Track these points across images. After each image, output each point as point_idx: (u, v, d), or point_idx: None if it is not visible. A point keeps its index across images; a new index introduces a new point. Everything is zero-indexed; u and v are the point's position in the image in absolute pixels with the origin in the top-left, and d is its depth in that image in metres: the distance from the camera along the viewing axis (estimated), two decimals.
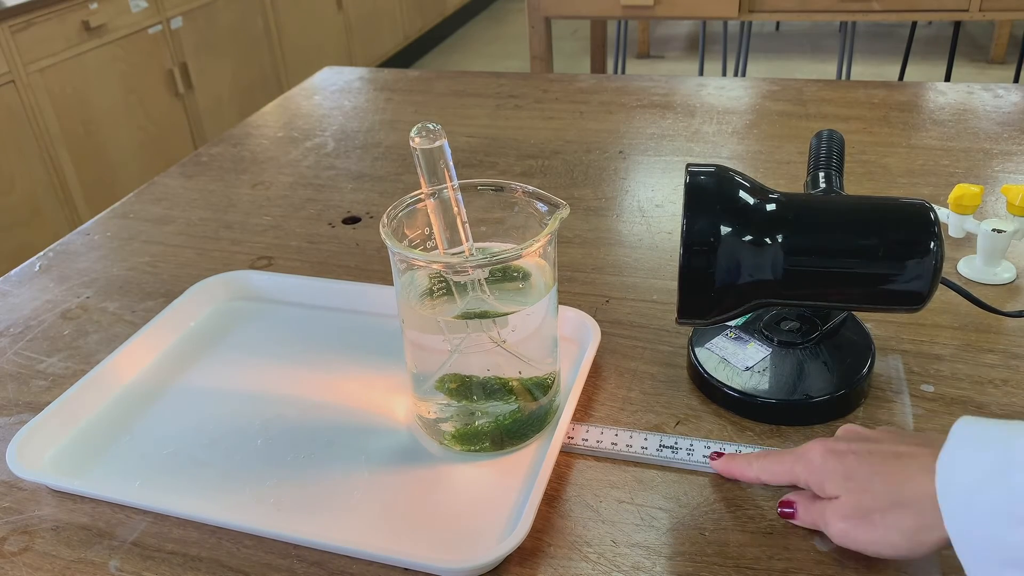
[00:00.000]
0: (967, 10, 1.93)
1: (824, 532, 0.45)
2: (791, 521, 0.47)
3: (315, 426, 0.57)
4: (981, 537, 0.35)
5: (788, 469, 0.47)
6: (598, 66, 2.88)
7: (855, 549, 0.44)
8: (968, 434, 0.38)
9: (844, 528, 0.43)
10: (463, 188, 0.53)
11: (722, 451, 0.52)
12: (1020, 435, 0.36)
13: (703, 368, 0.57)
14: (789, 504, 0.47)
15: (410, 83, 1.22)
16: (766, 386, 0.55)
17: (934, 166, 0.87)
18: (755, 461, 0.49)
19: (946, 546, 0.38)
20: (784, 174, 0.88)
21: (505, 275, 0.54)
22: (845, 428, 0.49)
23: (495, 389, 0.53)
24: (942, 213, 0.69)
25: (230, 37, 2.64)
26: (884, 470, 0.42)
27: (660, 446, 0.52)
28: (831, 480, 0.44)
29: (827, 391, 0.54)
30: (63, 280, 0.77)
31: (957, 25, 2.64)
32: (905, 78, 2.86)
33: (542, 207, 0.52)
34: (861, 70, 3.33)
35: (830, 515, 0.44)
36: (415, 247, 0.53)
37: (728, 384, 0.55)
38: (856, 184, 0.84)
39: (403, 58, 3.81)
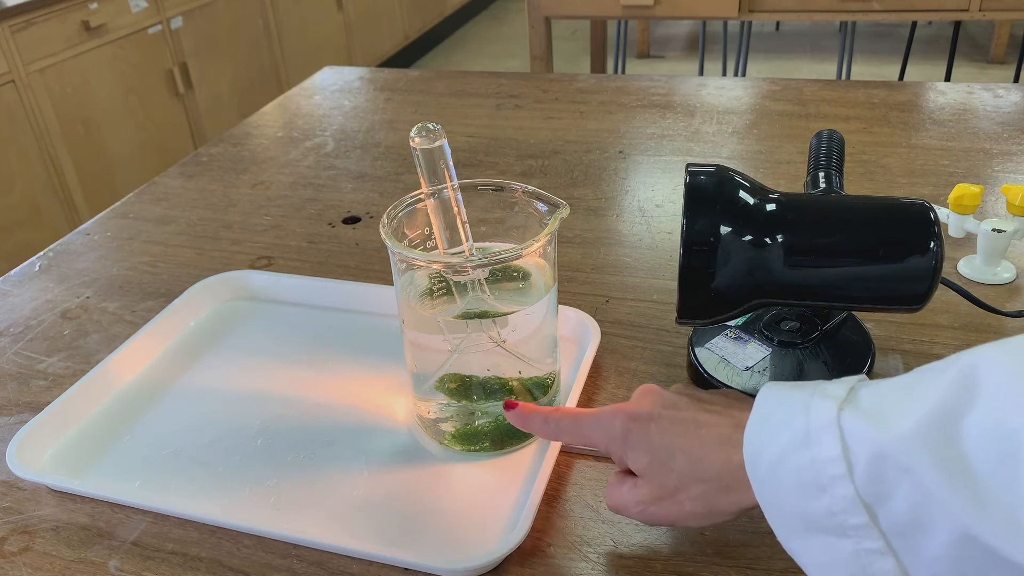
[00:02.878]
0: (967, 10, 1.93)
1: (628, 514, 0.44)
2: None
3: (315, 426, 0.57)
4: (790, 507, 0.36)
5: (586, 434, 0.46)
6: (598, 66, 2.88)
7: (661, 525, 0.44)
8: (771, 404, 0.38)
9: (653, 511, 0.43)
10: (463, 188, 0.53)
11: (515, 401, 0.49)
12: (817, 400, 0.36)
13: (703, 368, 0.57)
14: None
15: (410, 83, 1.22)
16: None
17: (934, 166, 0.87)
18: (553, 418, 0.47)
19: (747, 512, 0.39)
20: (784, 174, 0.88)
21: (505, 275, 0.54)
22: (643, 390, 0.46)
23: (495, 389, 0.53)
24: (942, 213, 0.69)
25: (230, 37, 2.64)
26: (685, 444, 0.41)
27: None
28: (633, 453, 0.43)
29: None
30: (63, 280, 0.77)
31: (957, 25, 2.64)
32: (905, 78, 2.86)
33: (542, 207, 0.52)
34: (861, 70, 3.33)
35: (635, 498, 0.43)
36: (415, 247, 0.53)
37: (728, 384, 0.55)
38: (856, 184, 0.84)
39: (403, 58, 3.81)
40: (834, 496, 0.34)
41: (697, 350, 0.59)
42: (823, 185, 0.59)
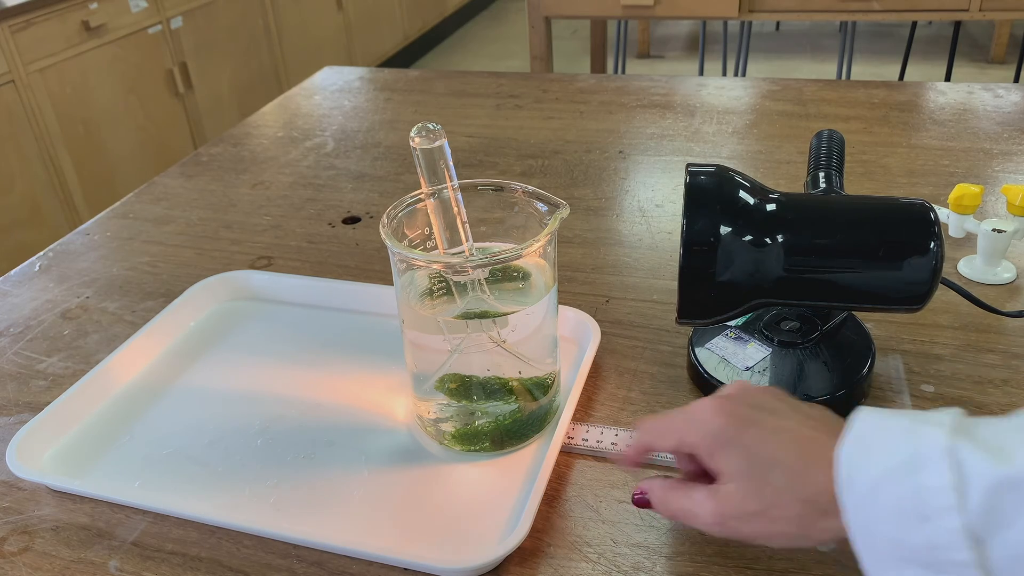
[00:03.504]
0: (967, 10, 1.93)
1: (692, 525, 0.41)
2: (646, 508, 0.44)
3: (315, 426, 0.57)
4: (883, 534, 0.34)
5: (677, 429, 0.42)
6: (598, 66, 2.88)
7: (735, 539, 0.40)
8: (869, 429, 0.36)
9: (734, 525, 0.39)
10: (463, 188, 0.53)
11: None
12: (923, 427, 0.34)
13: (703, 368, 0.57)
14: (644, 491, 0.44)
15: (410, 83, 1.22)
16: (766, 386, 0.55)
17: (934, 166, 0.87)
18: (640, 436, 0.44)
19: (840, 538, 0.37)
20: (784, 174, 0.88)
21: (505, 275, 0.54)
22: (738, 385, 0.43)
23: (495, 389, 0.53)
24: (942, 213, 0.69)
25: (230, 37, 2.64)
26: (788, 458, 0.38)
27: None
28: (726, 455, 0.39)
29: (827, 391, 0.54)
30: (63, 280, 0.77)
31: (957, 25, 2.64)
32: (905, 78, 2.86)
33: (542, 207, 0.52)
34: (861, 70, 3.33)
35: (713, 509, 0.40)
36: (415, 247, 0.53)
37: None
38: (856, 184, 0.84)
39: (403, 58, 3.81)
40: (937, 527, 0.32)
41: (697, 350, 0.59)
42: (823, 185, 0.59)
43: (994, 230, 0.67)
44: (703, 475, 0.42)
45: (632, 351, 0.62)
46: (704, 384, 0.57)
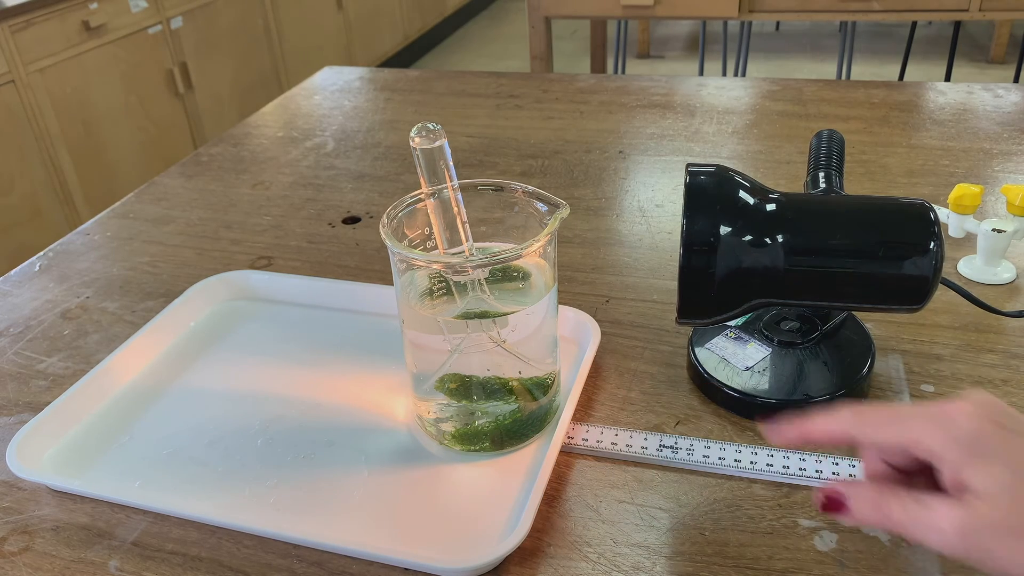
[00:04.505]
0: (967, 10, 1.93)
1: (924, 538, 0.34)
2: (838, 516, 0.37)
3: (315, 426, 0.57)
4: None
5: (911, 428, 0.36)
6: (598, 66, 2.88)
7: (980, 566, 0.33)
8: None
9: (988, 545, 0.33)
10: (463, 188, 0.53)
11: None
12: None
13: (703, 368, 0.57)
14: (838, 495, 0.37)
15: (410, 83, 1.22)
16: (766, 386, 0.55)
17: (934, 166, 0.87)
18: (847, 415, 0.38)
19: None
20: (784, 174, 0.88)
21: (505, 275, 0.54)
22: (987, 397, 0.36)
23: (495, 389, 0.53)
24: (942, 213, 0.69)
25: (230, 37, 2.64)
26: None
27: (660, 446, 0.52)
28: (985, 464, 0.33)
29: (827, 391, 0.54)
30: (63, 280, 0.77)
31: (957, 25, 2.64)
32: (905, 78, 2.86)
33: (542, 207, 0.52)
34: (861, 70, 3.33)
35: (961, 518, 0.33)
36: (415, 247, 0.53)
37: (728, 384, 0.55)
38: (856, 184, 0.84)
39: (403, 58, 3.81)
40: None
41: (697, 350, 0.59)
42: (823, 185, 0.59)
43: (994, 230, 0.67)
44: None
45: (632, 351, 0.62)
46: (704, 384, 0.57)
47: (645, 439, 0.53)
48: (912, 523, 0.35)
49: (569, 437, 0.54)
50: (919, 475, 0.37)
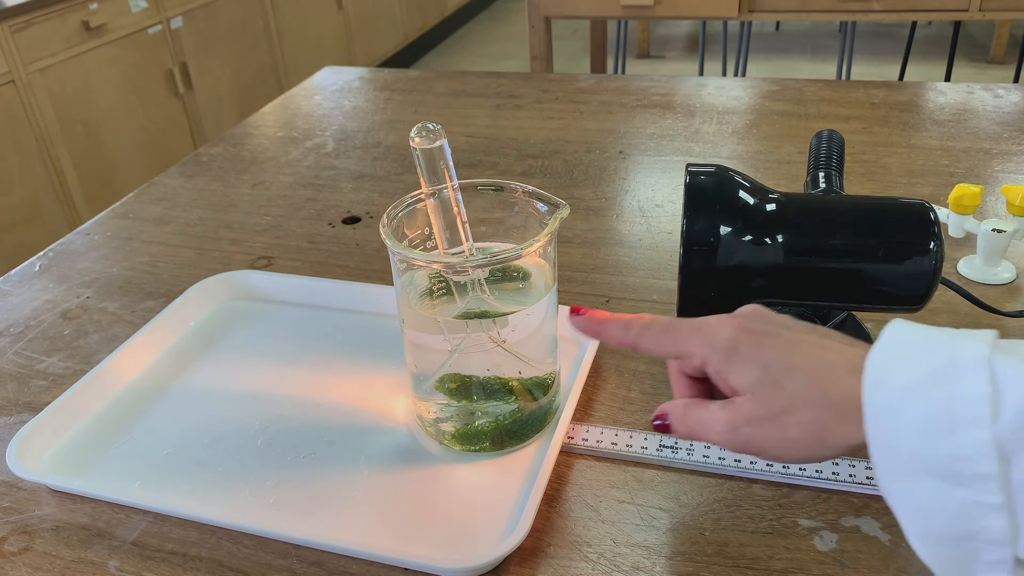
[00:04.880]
0: (967, 10, 1.93)
1: (707, 439, 0.40)
2: (666, 434, 0.43)
3: (315, 426, 0.57)
4: (905, 444, 0.32)
5: (681, 342, 0.41)
6: (598, 66, 2.88)
7: (749, 454, 0.39)
8: (905, 337, 0.35)
9: (747, 433, 0.38)
10: (463, 188, 0.53)
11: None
12: (963, 340, 0.33)
13: None
14: (663, 416, 0.42)
15: (410, 83, 1.22)
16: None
17: (934, 166, 0.87)
18: (637, 323, 0.43)
19: (857, 451, 0.36)
20: (784, 174, 0.88)
21: (505, 275, 0.54)
22: (752, 308, 0.42)
23: (495, 389, 0.53)
24: (942, 213, 0.69)
25: (230, 37, 2.64)
26: (806, 365, 0.37)
27: (660, 446, 0.52)
28: (740, 366, 0.38)
29: None
30: (63, 280, 0.77)
31: (957, 25, 2.64)
32: (905, 78, 2.86)
33: (542, 207, 0.52)
34: (861, 70, 3.33)
35: (725, 417, 0.39)
36: (415, 247, 0.53)
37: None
38: (856, 184, 0.84)
39: (403, 58, 3.81)
40: (965, 439, 0.31)
41: None
42: (823, 185, 0.59)
43: (994, 230, 0.67)
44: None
45: (632, 351, 0.62)
46: None
47: (645, 439, 0.53)
48: (698, 426, 0.40)
49: (569, 437, 0.54)
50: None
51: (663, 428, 0.42)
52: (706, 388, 0.43)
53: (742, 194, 0.50)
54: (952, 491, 0.32)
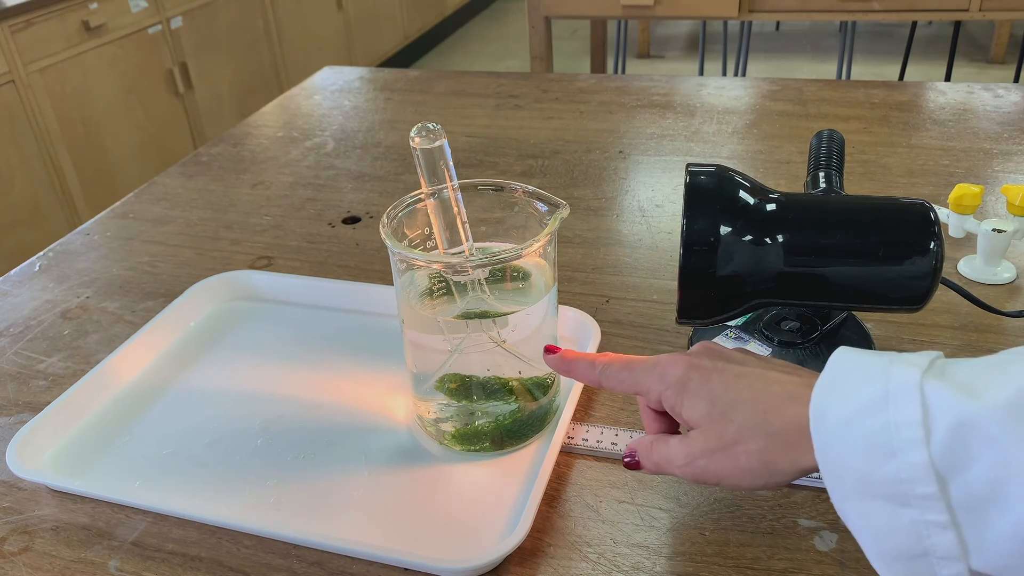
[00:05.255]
0: (967, 10, 1.93)
1: (670, 473, 0.42)
2: (636, 470, 0.45)
3: (315, 426, 0.57)
4: (852, 470, 0.34)
5: (638, 380, 0.44)
6: (598, 66, 2.88)
7: (708, 483, 0.41)
8: (845, 366, 0.36)
9: (702, 465, 0.40)
10: (463, 188, 0.53)
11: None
12: (898, 366, 0.35)
13: None
14: (631, 454, 0.45)
15: (410, 83, 1.22)
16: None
17: (934, 166, 0.87)
18: (600, 363, 0.46)
19: (806, 474, 0.38)
20: (784, 174, 0.88)
21: (505, 275, 0.54)
22: (702, 345, 0.44)
23: (495, 389, 0.53)
24: (942, 213, 0.69)
25: (230, 37, 2.64)
26: (751, 397, 0.39)
27: None
28: (691, 401, 0.41)
29: None
30: (63, 280, 0.77)
31: (957, 25, 2.64)
32: (905, 78, 2.86)
33: (542, 207, 0.52)
34: (861, 70, 3.33)
35: (683, 451, 0.41)
36: (415, 247, 0.53)
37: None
38: (856, 184, 0.84)
39: (403, 58, 3.81)
40: (904, 462, 0.32)
41: None
42: (823, 185, 0.59)
43: (994, 230, 0.67)
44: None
45: (632, 351, 0.62)
46: None
47: None
48: (663, 462, 0.42)
49: (569, 437, 0.54)
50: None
51: (633, 465, 0.45)
52: (673, 422, 0.45)
53: (742, 194, 0.50)
54: (900, 512, 0.33)
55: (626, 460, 0.45)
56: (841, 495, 0.35)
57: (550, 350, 0.48)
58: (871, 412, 0.34)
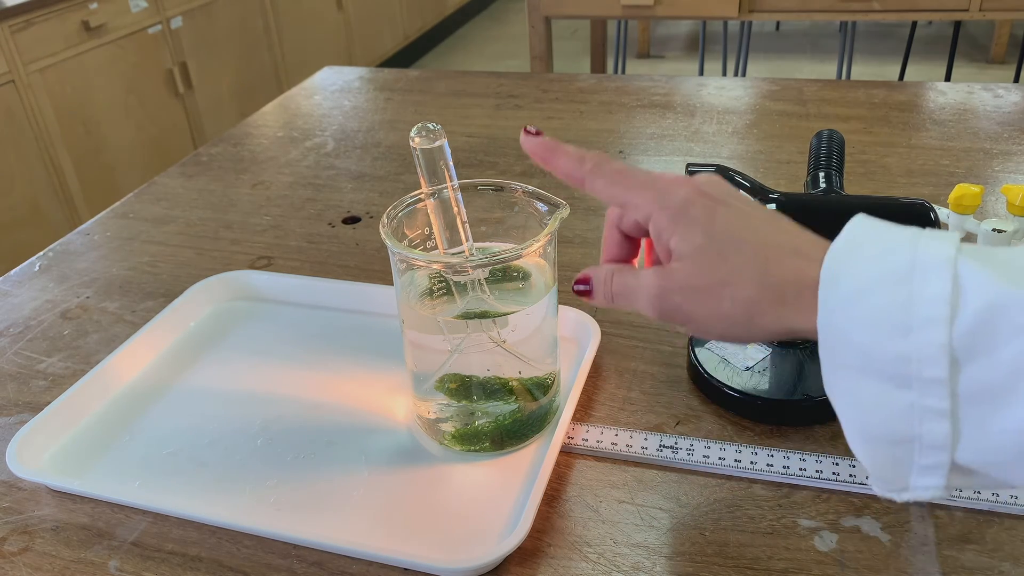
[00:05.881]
0: (967, 10, 1.93)
1: (631, 306, 0.39)
2: (587, 299, 0.41)
3: (315, 426, 0.57)
4: (855, 341, 0.31)
5: (630, 192, 0.39)
6: (598, 66, 2.88)
7: (674, 322, 0.38)
8: (867, 233, 0.34)
9: (676, 302, 0.36)
10: (463, 188, 0.53)
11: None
12: (927, 240, 0.32)
13: (703, 368, 0.57)
14: (586, 280, 0.41)
15: (410, 83, 1.22)
16: (766, 386, 0.55)
17: (934, 166, 0.87)
18: (591, 160, 0.40)
19: (789, 336, 0.35)
20: (784, 174, 0.88)
21: (505, 275, 0.54)
22: (708, 176, 0.40)
23: (495, 389, 0.53)
24: (942, 213, 0.69)
25: (230, 37, 2.64)
26: (754, 240, 0.36)
27: (660, 446, 0.52)
28: (686, 229, 0.37)
29: None
30: (63, 280, 0.77)
31: (957, 25, 2.64)
32: (905, 78, 2.86)
33: (542, 207, 0.52)
34: (861, 70, 3.33)
35: (656, 282, 0.37)
36: (415, 247, 0.53)
37: (728, 384, 0.55)
38: (856, 184, 0.84)
39: (403, 58, 3.81)
40: (919, 340, 0.30)
41: (697, 350, 0.59)
42: (823, 185, 0.59)
43: (994, 230, 0.66)
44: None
45: (632, 351, 0.62)
46: (704, 384, 0.57)
47: (645, 439, 0.53)
48: (625, 292, 0.39)
49: (569, 437, 0.54)
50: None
51: (585, 293, 0.41)
52: (631, 253, 0.41)
53: (742, 194, 0.50)
54: (897, 393, 0.31)
55: (577, 288, 0.41)
56: (833, 366, 0.33)
57: (529, 132, 0.42)
58: (892, 284, 0.31)
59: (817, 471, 0.50)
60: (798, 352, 0.57)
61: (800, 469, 0.50)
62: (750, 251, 0.36)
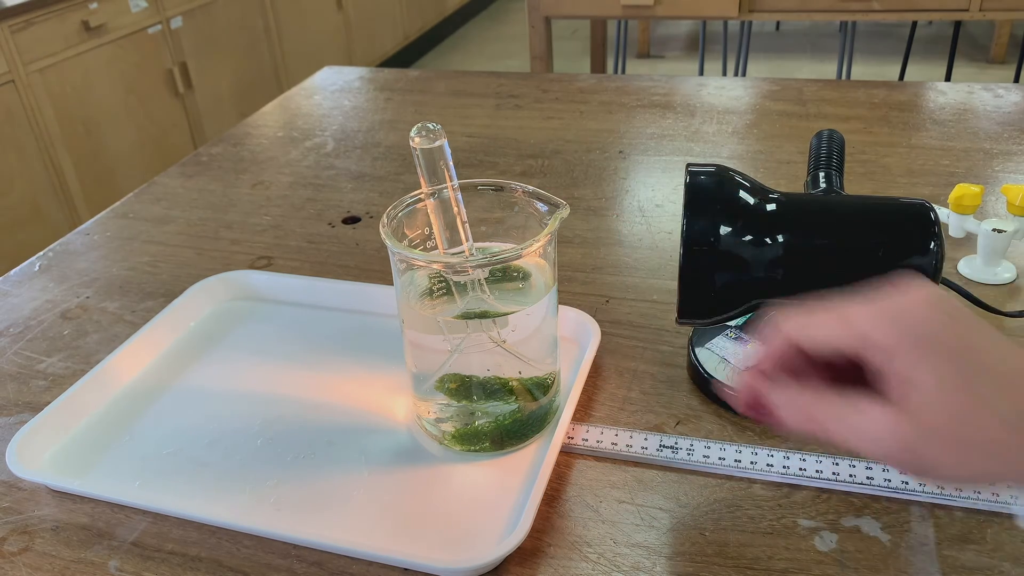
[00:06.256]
0: (967, 10, 1.93)
1: (860, 446, 0.31)
2: (764, 423, 0.34)
3: (315, 426, 0.57)
4: None
5: (859, 325, 0.31)
6: (598, 66, 2.88)
7: (925, 477, 0.31)
8: None
9: (929, 455, 0.29)
10: (463, 188, 0.53)
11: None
12: None
13: (703, 368, 0.57)
14: (759, 403, 0.34)
15: (410, 83, 1.22)
16: None
17: (934, 166, 0.87)
18: (791, 325, 0.33)
19: None
20: (784, 174, 0.88)
21: (505, 275, 0.54)
22: (924, 281, 0.32)
23: (495, 389, 0.53)
24: (942, 213, 0.69)
25: (230, 37, 2.64)
26: (1001, 369, 0.29)
27: (660, 446, 0.52)
28: (931, 355, 0.29)
29: None
30: (63, 280, 0.77)
31: (957, 25, 2.64)
32: (905, 78, 2.86)
33: (542, 207, 0.52)
34: (861, 70, 3.33)
35: (898, 424, 0.29)
36: (415, 247, 0.53)
37: (728, 384, 0.55)
38: (856, 184, 0.84)
39: (403, 58, 3.81)
40: None
41: (697, 350, 0.59)
42: (823, 185, 0.59)
43: (994, 230, 0.67)
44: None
45: (632, 351, 0.62)
46: (704, 384, 0.57)
47: (645, 439, 0.53)
48: (847, 432, 0.31)
49: (569, 437, 0.54)
50: (841, 373, 0.33)
51: (761, 416, 0.33)
52: (816, 376, 0.33)
53: (742, 194, 0.50)
54: None
55: (747, 404, 0.33)
56: None
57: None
58: None
59: (817, 471, 0.50)
60: None
61: (800, 469, 0.50)
62: (999, 382, 0.29)
